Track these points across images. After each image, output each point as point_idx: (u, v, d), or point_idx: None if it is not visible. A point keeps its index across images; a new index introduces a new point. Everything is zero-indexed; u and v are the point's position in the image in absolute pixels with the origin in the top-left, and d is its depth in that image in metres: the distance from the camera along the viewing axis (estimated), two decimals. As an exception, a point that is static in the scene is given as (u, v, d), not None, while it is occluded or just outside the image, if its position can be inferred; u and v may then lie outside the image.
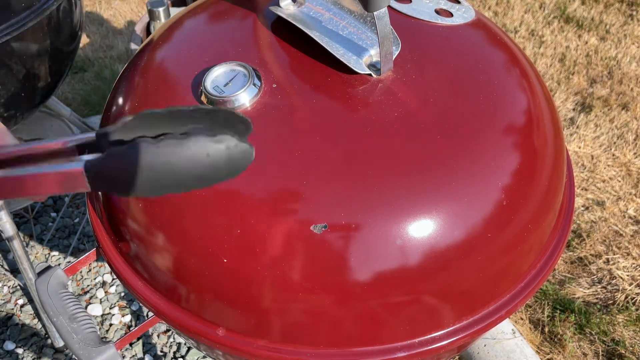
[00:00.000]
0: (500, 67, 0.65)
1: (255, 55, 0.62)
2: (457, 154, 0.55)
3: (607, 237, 1.49)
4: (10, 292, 1.42)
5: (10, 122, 1.04)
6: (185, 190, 0.34)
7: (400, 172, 0.53)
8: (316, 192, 0.52)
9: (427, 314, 0.56)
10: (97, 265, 1.46)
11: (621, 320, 1.31)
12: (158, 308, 0.60)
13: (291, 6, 0.65)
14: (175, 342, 1.30)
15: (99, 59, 2.21)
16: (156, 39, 0.70)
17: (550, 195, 0.61)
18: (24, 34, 0.93)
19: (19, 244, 1.16)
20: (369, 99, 0.57)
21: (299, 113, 0.57)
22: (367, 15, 0.62)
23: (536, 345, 1.28)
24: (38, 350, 1.30)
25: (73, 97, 2.01)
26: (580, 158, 1.72)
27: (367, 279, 0.52)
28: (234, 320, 0.56)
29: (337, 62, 0.59)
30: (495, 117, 0.59)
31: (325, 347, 0.55)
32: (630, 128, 1.80)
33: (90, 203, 0.69)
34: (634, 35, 2.21)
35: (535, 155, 0.60)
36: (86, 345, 0.59)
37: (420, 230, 0.51)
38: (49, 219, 1.56)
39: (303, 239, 0.51)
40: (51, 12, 0.97)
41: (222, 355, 0.62)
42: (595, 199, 1.59)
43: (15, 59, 0.95)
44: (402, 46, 0.62)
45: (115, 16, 2.49)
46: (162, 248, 0.57)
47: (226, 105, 0.57)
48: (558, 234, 0.64)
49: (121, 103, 0.65)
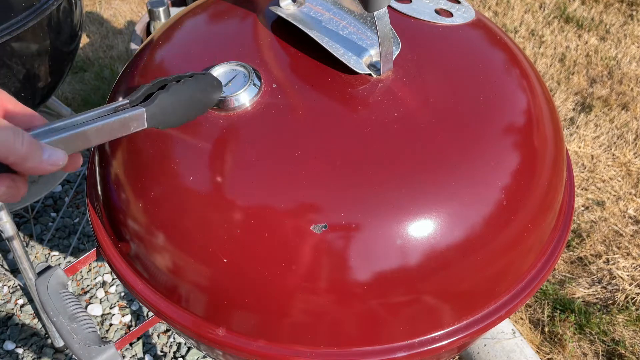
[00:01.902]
0: (500, 67, 0.65)
1: (255, 55, 0.62)
2: (456, 154, 0.55)
3: (607, 237, 1.49)
4: (10, 292, 1.42)
5: (10, 122, 1.04)
6: (201, 113, 0.56)
7: (400, 172, 0.53)
8: (316, 192, 0.52)
9: (427, 314, 0.56)
10: (97, 265, 1.46)
11: (621, 320, 1.31)
12: (158, 308, 0.60)
13: (291, 6, 0.65)
14: (175, 342, 1.30)
15: (99, 59, 2.21)
16: (156, 39, 0.70)
17: (550, 195, 0.61)
18: (24, 34, 0.93)
19: (19, 244, 1.16)
20: (369, 99, 0.57)
21: (299, 113, 0.57)
22: (367, 15, 0.62)
23: (536, 345, 1.28)
24: (38, 350, 1.30)
25: (73, 97, 2.01)
26: (580, 158, 1.72)
27: (367, 279, 0.52)
28: (234, 320, 0.56)
29: (337, 62, 0.59)
30: (495, 117, 0.59)
31: (325, 347, 0.55)
32: (630, 128, 1.80)
33: (90, 203, 0.69)
34: (634, 35, 2.21)
35: (535, 155, 0.60)
36: (86, 345, 0.59)
37: (420, 230, 0.51)
38: (49, 219, 1.56)
39: (303, 239, 0.51)
40: (51, 12, 0.97)
41: (222, 355, 0.62)
42: (595, 199, 1.59)
43: (15, 59, 0.95)
44: (402, 46, 0.62)
45: (115, 16, 2.49)
46: (162, 248, 0.57)
47: (226, 105, 0.57)
48: (558, 234, 0.64)
49: (121, 103, 0.65)
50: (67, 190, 1.64)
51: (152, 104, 0.50)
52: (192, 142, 0.56)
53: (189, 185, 0.55)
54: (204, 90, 0.54)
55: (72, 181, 1.65)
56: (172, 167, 0.56)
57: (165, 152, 0.57)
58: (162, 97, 0.51)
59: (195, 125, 0.57)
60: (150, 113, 0.50)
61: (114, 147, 0.62)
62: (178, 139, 0.57)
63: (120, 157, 0.61)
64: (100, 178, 0.65)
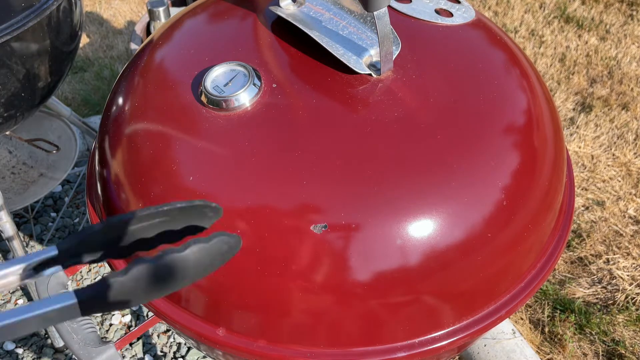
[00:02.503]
0: (500, 67, 0.65)
1: (255, 55, 0.62)
2: (457, 154, 0.54)
3: (607, 237, 1.49)
4: (10, 292, 1.42)
5: (10, 122, 1.04)
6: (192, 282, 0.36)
7: (400, 172, 0.53)
8: (316, 192, 0.52)
9: (427, 314, 0.56)
10: (97, 265, 1.46)
11: (621, 320, 1.31)
12: (158, 308, 0.60)
13: (291, 6, 0.65)
14: (175, 342, 1.30)
15: (99, 59, 2.21)
16: (156, 39, 0.70)
17: (550, 195, 0.61)
18: (24, 34, 0.93)
19: (19, 244, 1.16)
20: (369, 99, 0.57)
21: (299, 113, 0.57)
22: (367, 15, 0.62)
23: (536, 345, 1.28)
24: (38, 350, 1.30)
25: (73, 97, 2.01)
26: (580, 158, 1.72)
27: (367, 279, 0.52)
28: (234, 320, 0.56)
29: (337, 62, 0.59)
30: (495, 117, 0.59)
31: (325, 347, 0.55)
32: (630, 128, 1.80)
33: (90, 203, 0.69)
34: (634, 35, 2.21)
35: (535, 155, 0.60)
36: (86, 345, 0.59)
37: (420, 230, 0.51)
38: (49, 219, 1.56)
39: (303, 239, 0.51)
40: (51, 12, 0.97)
41: (222, 355, 0.62)
42: (595, 199, 1.59)
43: (15, 59, 0.94)
44: (402, 46, 0.62)
45: (115, 16, 2.49)
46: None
47: (226, 105, 0.57)
48: (558, 234, 0.64)
49: (121, 103, 0.65)
50: (67, 190, 1.64)
51: (122, 276, 0.33)
52: (192, 142, 0.56)
53: (189, 185, 0.54)
54: (212, 261, 0.36)
55: (72, 181, 1.66)
56: (172, 167, 0.56)
57: (165, 152, 0.57)
58: (142, 271, 0.33)
59: (196, 125, 0.57)
60: (114, 288, 0.33)
61: (114, 147, 0.62)
62: (178, 139, 0.57)
63: (120, 157, 0.61)
64: (100, 178, 0.65)
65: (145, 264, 0.33)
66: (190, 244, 0.34)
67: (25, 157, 1.47)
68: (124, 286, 0.33)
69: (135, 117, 0.61)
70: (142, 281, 0.33)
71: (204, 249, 0.34)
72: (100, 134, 0.67)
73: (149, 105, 0.62)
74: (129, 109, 0.63)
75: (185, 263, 0.34)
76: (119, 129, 0.62)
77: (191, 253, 0.34)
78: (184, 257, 0.34)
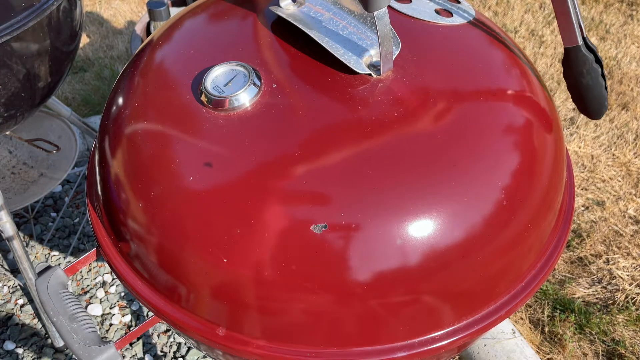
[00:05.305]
0: (500, 67, 0.65)
1: (255, 55, 0.62)
2: (456, 154, 0.55)
3: (607, 237, 1.49)
4: (10, 292, 1.42)
5: (10, 122, 1.04)
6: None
7: (400, 172, 0.53)
8: (316, 191, 0.52)
9: (427, 313, 0.56)
10: (97, 265, 1.46)
11: (621, 320, 1.31)
12: (158, 308, 0.60)
13: (291, 6, 0.65)
14: (175, 342, 1.30)
15: (99, 59, 2.21)
16: (156, 39, 0.70)
17: (550, 195, 0.61)
18: (24, 34, 0.93)
19: (19, 244, 1.16)
20: (369, 99, 0.57)
21: (299, 113, 0.57)
22: (367, 15, 0.62)
23: (536, 345, 1.28)
24: (38, 350, 1.30)
25: (73, 97, 2.01)
26: (580, 158, 1.72)
27: (367, 279, 0.52)
28: (234, 320, 0.56)
29: (337, 62, 0.59)
30: (495, 117, 0.59)
31: (325, 347, 0.55)
32: (630, 128, 1.80)
33: (90, 203, 0.69)
34: (634, 35, 2.21)
35: (535, 155, 0.60)
36: (86, 345, 0.59)
37: (420, 230, 0.51)
38: (49, 219, 1.56)
39: (303, 239, 0.51)
40: (51, 12, 0.97)
41: (222, 355, 0.62)
42: (595, 199, 1.59)
43: (15, 59, 0.94)
44: (402, 46, 0.62)
45: (115, 16, 2.49)
46: (162, 248, 0.57)
47: (226, 105, 0.57)
48: (558, 234, 0.64)
49: (121, 103, 0.65)
50: (67, 190, 1.64)
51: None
52: (192, 142, 0.56)
53: (189, 185, 0.55)
54: None
55: (72, 181, 1.66)
56: (172, 167, 0.56)
57: (165, 152, 0.57)
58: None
59: (196, 125, 0.57)
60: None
61: (114, 147, 0.62)
62: (178, 139, 0.57)
63: (120, 157, 0.61)
64: (100, 178, 0.65)
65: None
66: None
67: (25, 157, 1.48)
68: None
69: (135, 117, 0.61)
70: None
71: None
72: (100, 134, 0.67)
73: (149, 105, 0.62)
74: (129, 109, 0.63)
75: None
76: (119, 129, 0.63)
77: None
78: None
